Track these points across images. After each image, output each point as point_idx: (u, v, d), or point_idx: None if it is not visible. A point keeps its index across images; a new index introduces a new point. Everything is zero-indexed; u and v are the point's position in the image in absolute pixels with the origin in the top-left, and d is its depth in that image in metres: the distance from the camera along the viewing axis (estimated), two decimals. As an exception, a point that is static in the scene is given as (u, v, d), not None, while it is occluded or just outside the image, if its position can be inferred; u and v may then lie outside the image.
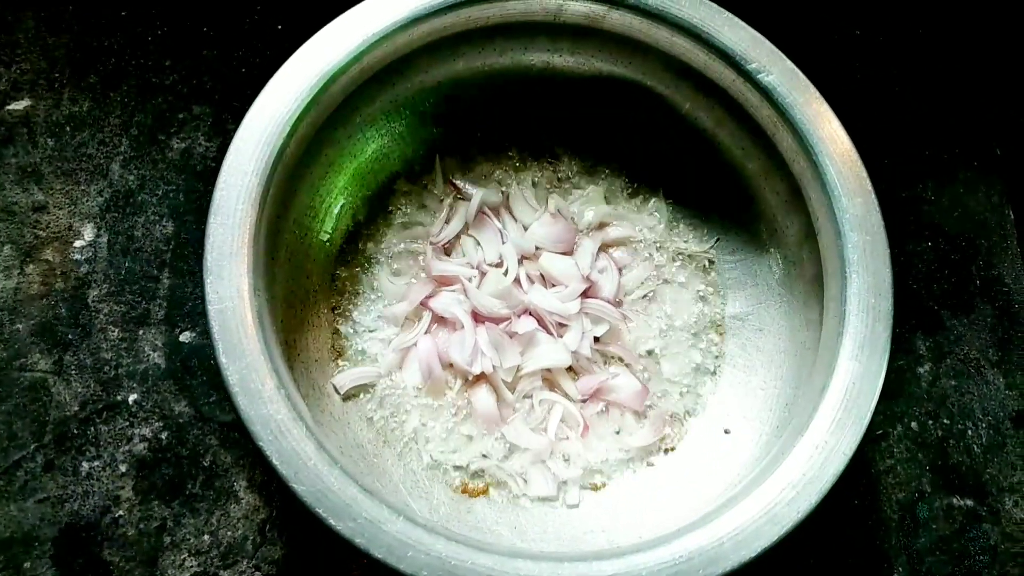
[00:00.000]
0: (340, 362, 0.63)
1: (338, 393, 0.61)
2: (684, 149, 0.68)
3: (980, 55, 0.84)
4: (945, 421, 0.70)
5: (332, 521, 0.46)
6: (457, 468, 0.61)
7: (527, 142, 0.70)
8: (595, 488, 0.62)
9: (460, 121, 0.69)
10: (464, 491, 0.60)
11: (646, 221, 0.70)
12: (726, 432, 0.63)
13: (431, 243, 0.66)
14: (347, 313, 0.64)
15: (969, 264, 0.76)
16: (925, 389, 0.71)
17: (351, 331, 0.64)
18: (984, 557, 0.66)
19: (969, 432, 0.70)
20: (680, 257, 0.69)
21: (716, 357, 0.67)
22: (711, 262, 0.69)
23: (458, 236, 0.67)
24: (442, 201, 0.68)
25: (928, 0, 0.84)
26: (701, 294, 0.68)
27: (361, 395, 0.62)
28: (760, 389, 0.63)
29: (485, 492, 0.60)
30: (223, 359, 0.48)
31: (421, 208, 0.68)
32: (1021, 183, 0.80)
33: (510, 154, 0.70)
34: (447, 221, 0.67)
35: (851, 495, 0.67)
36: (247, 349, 0.49)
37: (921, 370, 0.72)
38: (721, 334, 0.67)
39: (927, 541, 0.66)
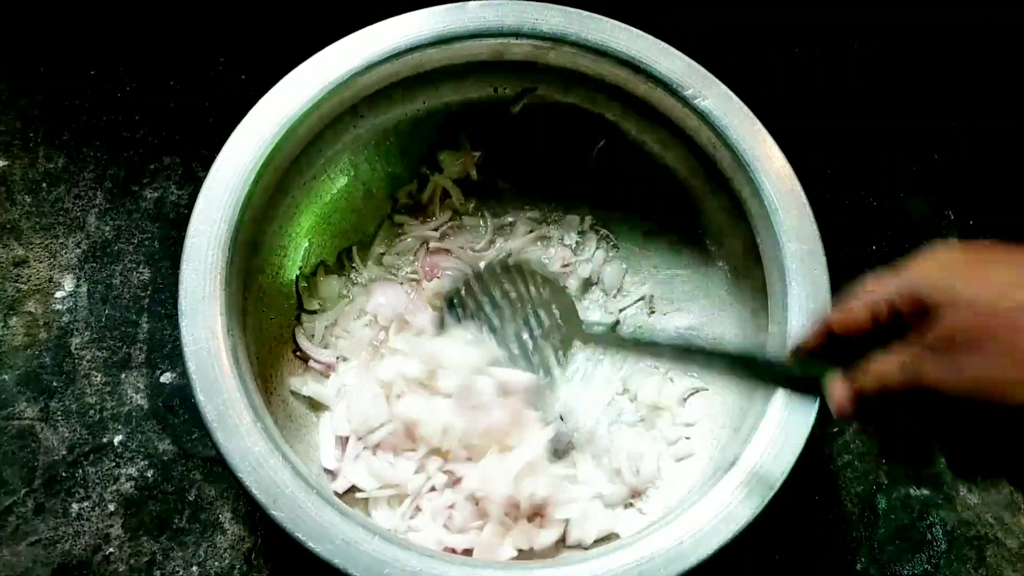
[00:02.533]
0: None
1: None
2: (633, 171, 0.72)
3: (913, 66, 0.88)
4: (898, 415, 0.73)
5: (311, 544, 0.49)
6: None
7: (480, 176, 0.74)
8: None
9: (421, 157, 0.72)
10: None
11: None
12: (686, 439, 0.66)
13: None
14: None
15: (913, 265, 0.80)
16: (877, 386, 0.74)
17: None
18: (941, 543, 0.70)
19: (922, 424, 0.73)
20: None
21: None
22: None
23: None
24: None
25: (861, 16, 0.89)
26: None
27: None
28: (716, 395, 0.66)
29: None
30: (201, 397, 0.51)
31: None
32: (958, 185, 0.85)
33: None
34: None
35: (812, 491, 0.70)
36: (223, 387, 0.52)
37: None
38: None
39: (887, 531, 0.70)
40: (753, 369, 0.52)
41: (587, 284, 0.73)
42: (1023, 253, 0.40)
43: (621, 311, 0.72)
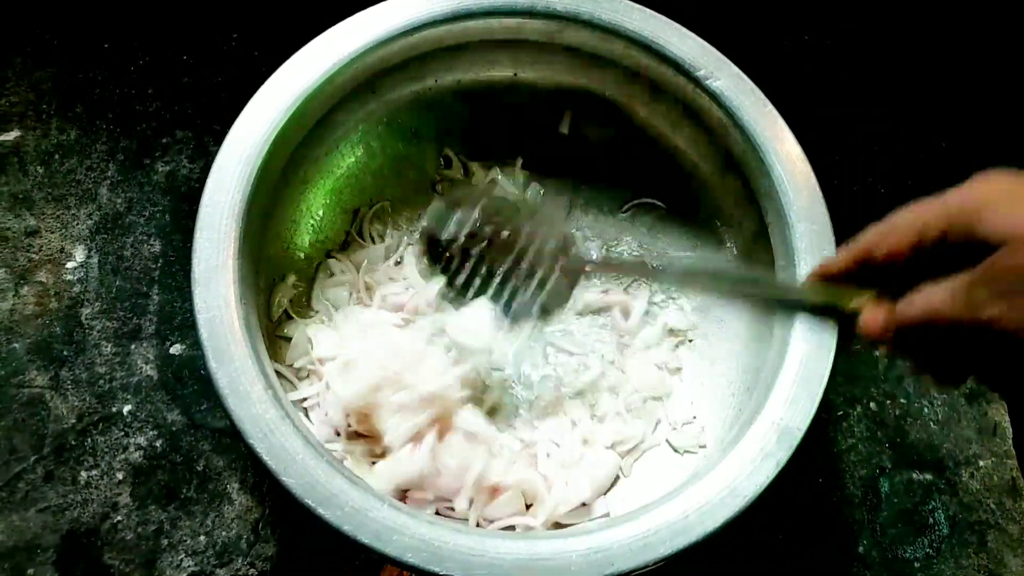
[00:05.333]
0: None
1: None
2: (644, 153, 0.72)
3: (922, 55, 0.88)
4: (902, 401, 0.74)
5: (321, 510, 0.49)
6: None
7: (494, 154, 0.74)
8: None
9: (431, 135, 0.72)
10: None
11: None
12: (693, 418, 0.66)
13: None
14: (325, 324, 0.67)
15: (920, 252, 0.81)
16: (882, 371, 0.75)
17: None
18: (943, 527, 0.70)
19: (925, 410, 0.74)
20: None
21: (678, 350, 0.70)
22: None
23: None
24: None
25: (872, 5, 0.89)
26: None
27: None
28: (723, 376, 0.66)
29: None
30: (212, 364, 0.51)
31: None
32: (966, 174, 0.85)
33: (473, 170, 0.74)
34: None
35: (816, 474, 0.71)
36: (235, 354, 0.52)
37: (877, 353, 0.76)
38: (680, 336, 0.71)
39: (889, 514, 0.70)
40: (765, 291, 0.48)
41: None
42: None
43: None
